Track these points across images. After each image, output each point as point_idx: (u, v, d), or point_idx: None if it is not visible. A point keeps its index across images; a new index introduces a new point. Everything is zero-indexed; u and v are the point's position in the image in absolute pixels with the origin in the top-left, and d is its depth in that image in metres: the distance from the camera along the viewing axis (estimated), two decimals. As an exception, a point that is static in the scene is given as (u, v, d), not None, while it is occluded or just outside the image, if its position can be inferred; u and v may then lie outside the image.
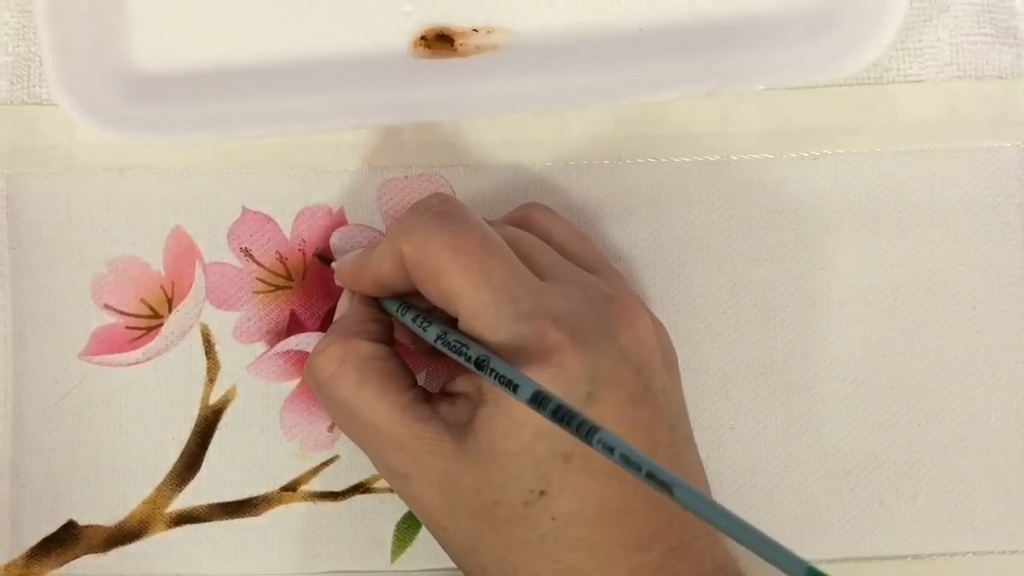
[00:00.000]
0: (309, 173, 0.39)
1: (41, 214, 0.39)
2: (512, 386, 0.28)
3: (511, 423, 0.30)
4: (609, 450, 0.26)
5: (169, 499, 0.38)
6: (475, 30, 0.39)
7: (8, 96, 0.39)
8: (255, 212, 0.39)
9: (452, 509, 0.31)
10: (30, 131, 0.39)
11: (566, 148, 0.39)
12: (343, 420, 0.33)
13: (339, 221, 0.39)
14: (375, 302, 0.35)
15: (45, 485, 0.38)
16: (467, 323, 0.31)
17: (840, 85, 0.39)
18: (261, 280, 0.39)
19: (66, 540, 0.38)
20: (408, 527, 0.38)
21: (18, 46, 0.39)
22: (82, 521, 0.38)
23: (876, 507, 0.38)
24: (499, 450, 0.30)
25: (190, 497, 0.38)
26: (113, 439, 0.38)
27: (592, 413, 0.29)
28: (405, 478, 0.32)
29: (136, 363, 0.39)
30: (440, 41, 0.39)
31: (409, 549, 0.38)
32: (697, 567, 0.31)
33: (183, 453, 0.38)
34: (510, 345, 0.30)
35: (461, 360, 0.31)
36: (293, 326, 0.39)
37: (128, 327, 0.39)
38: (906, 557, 0.38)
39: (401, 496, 0.33)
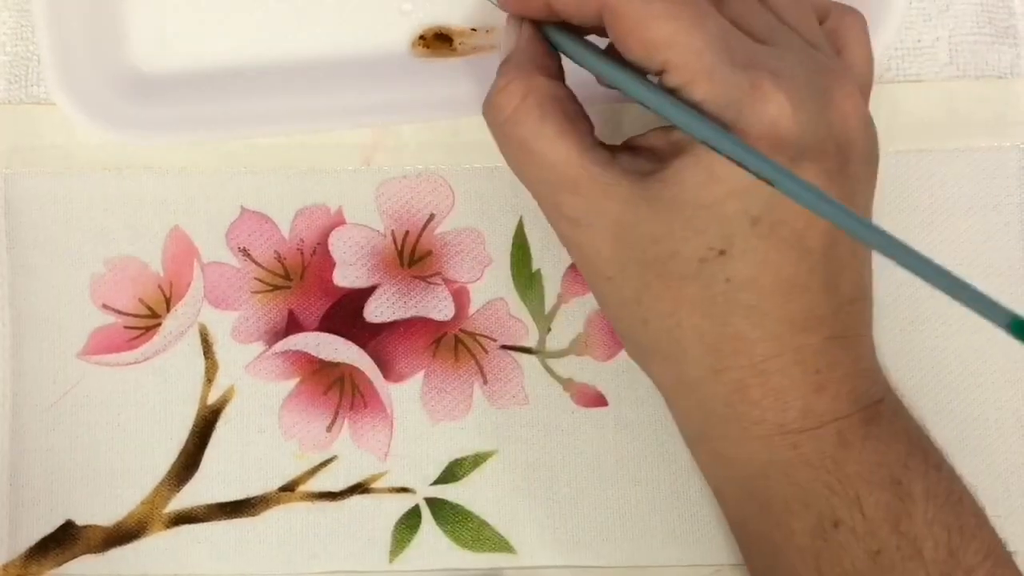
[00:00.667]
0: (307, 173, 0.39)
1: (39, 214, 0.39)
2: (719, 134, 0.28)
3: (708, 176, 0.29)
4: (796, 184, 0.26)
5: (167, 499, 0.38)
6: (474, 29, 0.39)
7: (6, 96, 0.39)
8: (253, 212, 0.39)
9: (622, 258, 0.30)
10: (28, 131, 0.39)
11: (565, 148, 0.39)
12: (519, 159, 0.31)
13: (337, 221, 0.39)
14: (544, 38, 0.33)
15: (43, 485, 0.38)
16: (674, 73, 0.29)
17: (840, 85, 0.39)
18: (259, 280, 0.39)
19: (64, 540, 0.38)
20: (406, 527, 0.38)
21: (16, 45, 0.39)
22: (80, 521, 0.38)
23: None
24: (688, 200, 0.29)
25: (188, 497, 0.38)
26: (111, 439, 0.38)
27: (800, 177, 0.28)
28: (575, 223, 0.31)
29: (134, 363, 0.39)
30: (439, 40, 0.39)
31: (407, 549, 0.38)
32: (857, 361, 0.31)
33: (181, 453, 0.38)
34: (721, 96, 0.29)
35: (660, 100, 0.29)
36: (291, 326, 0.39)
37: (126, 327, 0.39)
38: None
39: (567, 243, 0.32)
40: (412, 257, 0.39)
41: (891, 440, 0.31)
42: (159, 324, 0.39)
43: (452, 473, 0.38)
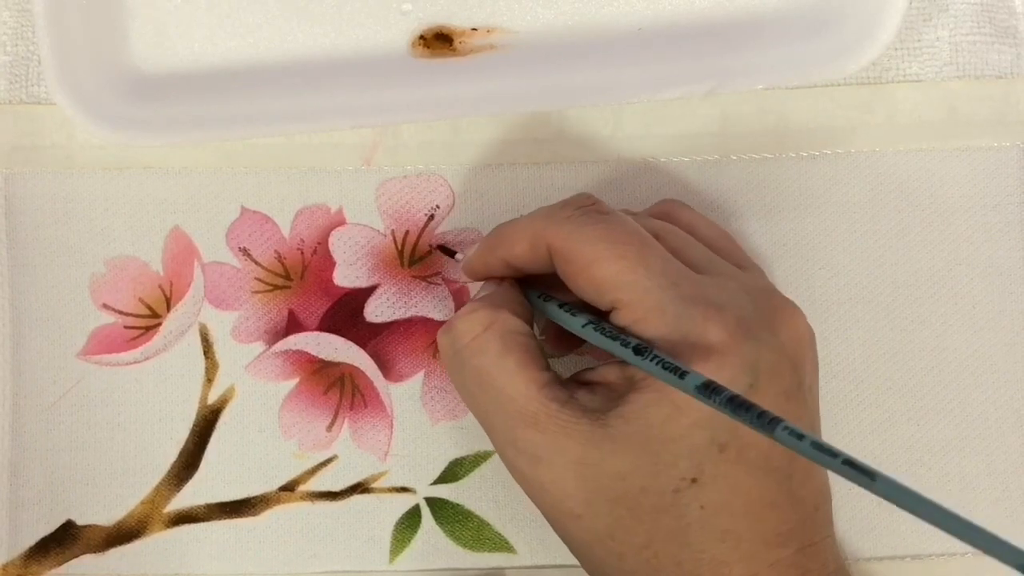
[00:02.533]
0: (308, 173, 0.39)
1: (40, 214, 0.39)
2: (679, 373, 0.28)
3: (672, 409, 0.29)
4: (798, 437, 0.25)
5: (167, 499, 0.38)
6: (474, 29, 0.39)
7: (7, 96, 0.39)
8: (254, 212, 0.39)
9: (589, 496, 0.30)
10: (29, 131, 0.39)
11: (565, 148, 0.39)
12: (475, 389, 0.32)
13: (338, 221, 0.39)
14: (520, 288, 0.34)
15: (44, 485, 0.38)
16: (624, 311, 0.30)
17: (840, 85, 0.39)
18: (260, 280, 0.39)
19: (64, 540, 0.38)
20: (406, 527, 0.38)
21: (16, 45, 0.39)
22: (80, 521, 0.38)
23: (876, 507, 0.38)
24: (654, 436, 0.29)
25: (188, 497, 0.38)
26: (111, 439, 0.38)
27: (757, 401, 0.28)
28: (536, 460, 0.31)
29: (134, 363, 0.39)
30: (439, 40, 0.39)
31: (407, 549, 0.38)
32: (824, 565, 0.31)
33: (181, 453, 0.38)
34: (671, 332, 0.30)
35: (616, 347, 0.30)
36: (291, 326, 0.39)
37: (127, 327, 0.39)
38: (905, 557, 0.38)
39: (526, 481, 0.32)
40: (412, 257, 0.39)
41: None
42: (159, 324, 0.39)
43: (452, 473, 0.38)
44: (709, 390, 0.27)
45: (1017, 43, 0.39)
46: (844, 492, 0.38)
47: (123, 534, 0.38)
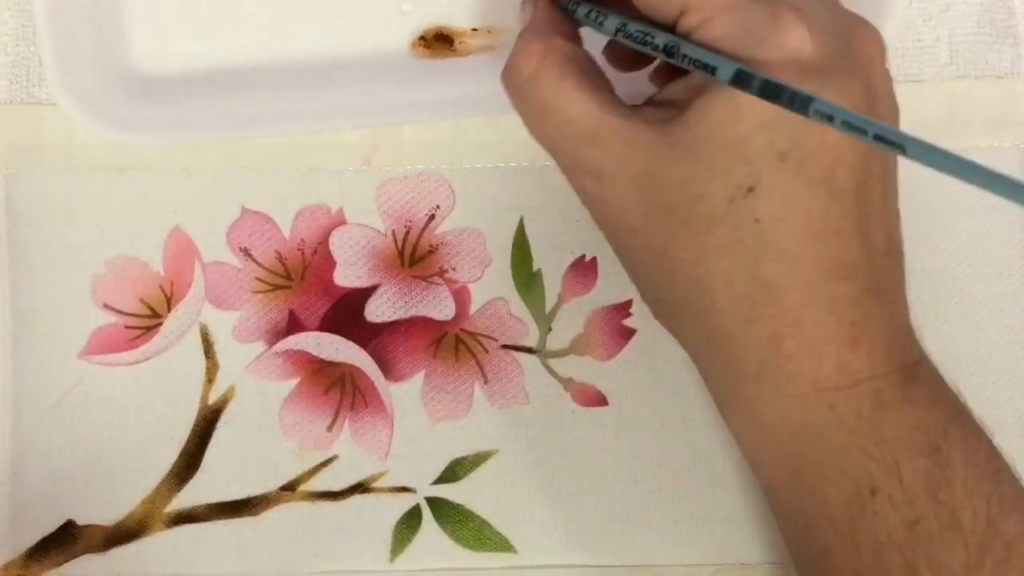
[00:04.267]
0: (308, 173, 0.39)
1: (40, 214, 0.39)
2: (710, 69, 0.27)
3: (733, 110, 0.28)
4: (828, 118, 0.25)
5: (168, 499, 0.38)
6: (475, 30, 0.39)
7: (8, 96, 0.39)
8: (254, 212, 0.39)
9: (647, 207, 0.29)
10: (30, 131, 0.39)
11: (566, 148, 0.39)
12: (539, 119, 0.31)
13: (338, 221, 0.39)
14: (562, 9, 0.33)
15: (44, 485, 0.38)
16: (694, 13, 0.29)
17: (840, 85, 0.39)
18: (260, 280, 0.39)
19: (65, 540, 0.38)
20: (407, 527, 0.38)
21: (17, 46, 0.39)
22: (81, 521, 0.38)
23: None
24: (713, 138, 0.28)
25: (189, 497, 0.38)
26: (112, 439, 0.38)
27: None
28: (599, 176, 0.30)
29: (135, 363, 0.39)
30: (439, 41, 0.39)
31: (408, 549, 0.38)
32: (892, 317, 0.30)
33: (182, 453, 0.38)
34: (741, 29, 0.28)
35: (647, 50, 0.29)
36: (292, 326, 0.39)
37: (127, 327, 0.39)
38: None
39: (590, 200, 0.31)
40: (413, 257, 0.39)
41: (930, 405, 0.30)
42: (160, 324, 0.39)
43: (453, 473, 0.38)
44: (743, 79, 0.26)
45: (1017, 43, 0.39)
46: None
47: (124, 534, 0.38)
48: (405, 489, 0.38)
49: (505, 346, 0.39)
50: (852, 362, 0.29)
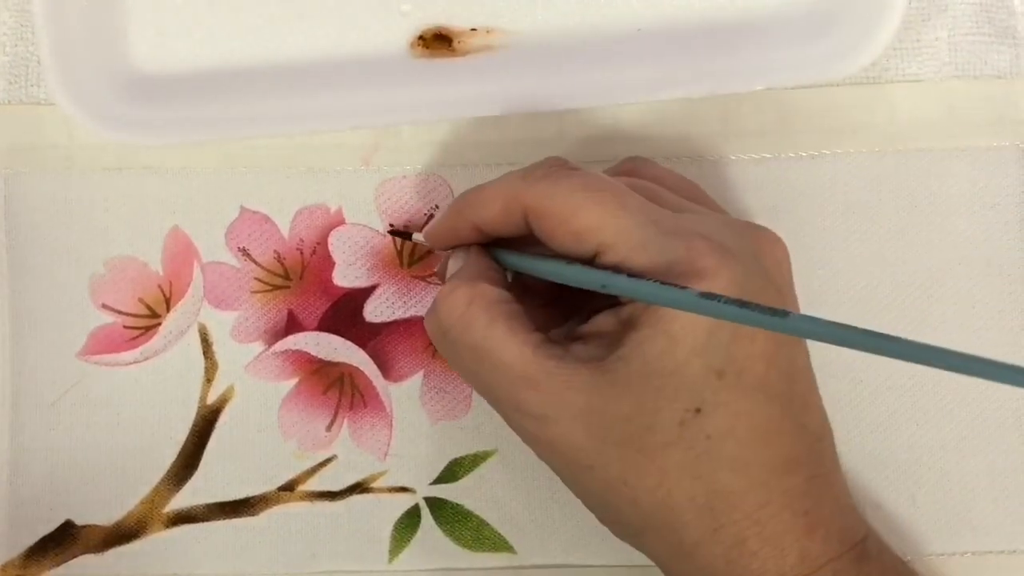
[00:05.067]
0: (307, 173, 0.39)
1: (39, 214, 0.39)
2: (678, 288, 0.28)
3: (668, 341, 0.29)
4: (810, 322, 0.26)
5: (167, 499, 0.38)
6: (473, 30, 0.39)
7: (7, 96, 0.39)
8: (253, 212, 0.39)
9: (599, 444, 0.30)
10: (29, 131, 0.39)
11: (566, 148, 0.39)
12: (471, 365, 0.32)
13: (337, 221, 0.39)
14: (490, 254, 0.34)
15: (43, 485, 0.38)
16: (608, 253, 0.30)
17: (840, 85, 0.39)
18: (259, 280, 0.39)
19: (64, 540, 0.38)
20: (406, 527, 0.38)
21: (16, 46, 0.39)
22: (80, 521, 0.38)
23: (875, 508, 0.38)
24: (654, 371, 0.29)
25: (188, 497, 0.38)
26: (111, 439, 0.38)
27: (741, 329, 0.29)
28: (542, 420, 0.30)
29: (134, 363, 0.39)
30: (438, 41, 0.39)
31: (407, 549, 0.38)
32: (837, 499, 0.31)
33: (181, 453, 0.38)
34: (658, 265, 0.30)
35: (607, 277, 0.30)
36: (291, 326, 0.39)
37: (126, 327, 0.39)
38: (905, 557, 0.38)
39: (535, 443, 0.32)
40: (412, 257, 0.39)
41: (885, 574, 0.31)
42: (159, 324, 0.39)
43: (452, 473, 0.38)
44: (711, 297, 0.27)
45: (1016, 43, 0.39)
46: (844, 492, 0.38)
47: (122, 534, 0.38)
48: (404, 489, 0.38)
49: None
50: (811, 549, 0.30)
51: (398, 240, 0.39)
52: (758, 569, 0.30)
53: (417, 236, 0.37)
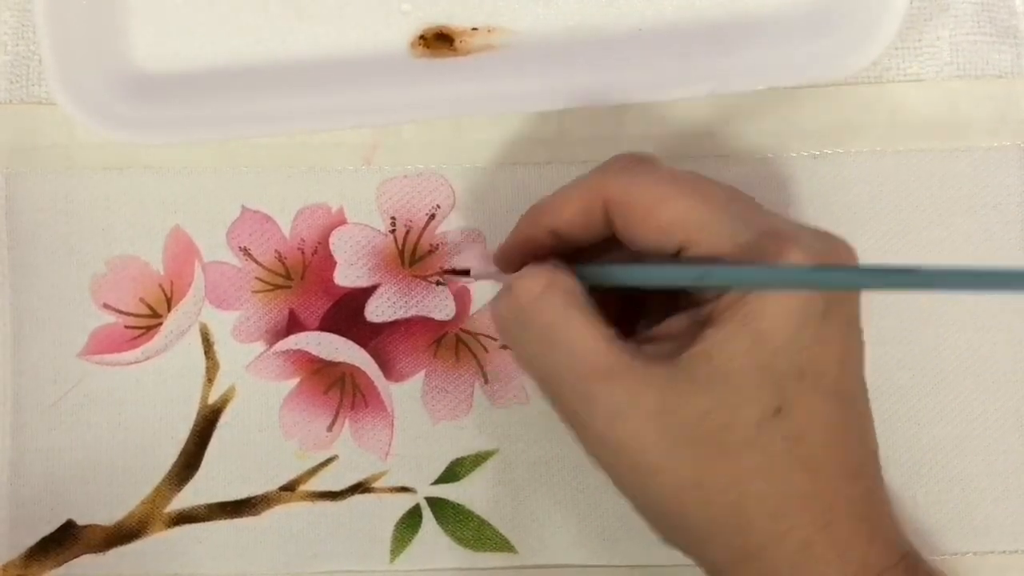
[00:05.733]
0: (308, 172, 0.39)
1: (40, 213, 0.39)
2: (787, 273, 0.28)
3: (755, 338, 0.29)
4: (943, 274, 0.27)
5: (168, 499, 0.38)
6: (474, 29, 0.39)
7: (7, 96, 0.39)
8: (254, 211, 0.39)
9: (671, 444, 0.29)
10: (29, 130, 0.39)
11: (566, 148, 0.39)
12: (541, 349, 0.31)
13: (338, 220, 0.39)
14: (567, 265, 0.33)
15: (44, 485, 0.38)
16: (698, 247, 0.30)
17: (840, 85, 0.39)
18: (260, 279, 0.39)
19: (65, 540, 0.38)
20: (407, 527, 0.38)
21: (17, 45, 0.39)
22: (81, 521, 0.38)
23: (876, 507, 0.38)
24: (736, 368, 0.29)
25: (189, 497, 0.38)
26: (112, 438, 0.38)
27: (823, 331, 0.29)
28: (613, 416, 0.29)
29: (135, 362, 0.39)
30: (439, 40, 0.39)
31: (408, 549, 0.38)
32: (890, 511, 0.31)
33: (182, 453, 0.38)
34: (746, 255, 0.29)
35: (703, 274, 0.30)
36: (292, 325, 0.39)
37: (127, 326, 0.39)
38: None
39: (601, 442, 0.30)
40: (413, 257, 0.39)
41: None
42: (160, 324, 0.39)
43: (453, 472, 0.38)
44: (827, 269, 0.28)
45: (1017, 43, 0.39)
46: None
47: (124, 534, 0.38)
48: (405, 489, 0.38)
49: (505, 346, 0.39)
50: (870, 557, 0.30)
51: (399, 239, 0.39)
52: (822, 572, 0.29)
53: (476, 271, 0.37)
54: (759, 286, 0.29)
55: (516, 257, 0.34)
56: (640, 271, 0.32)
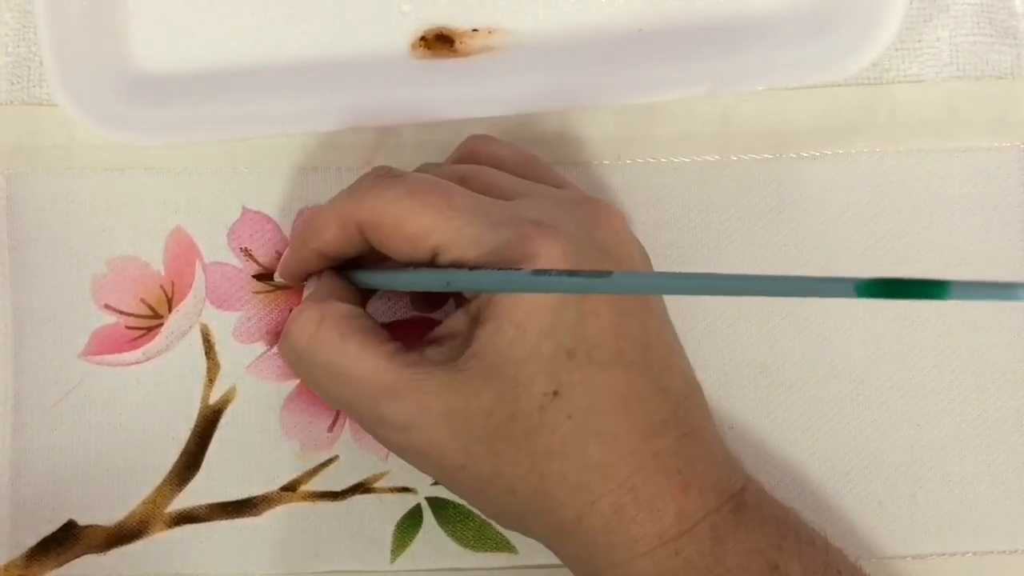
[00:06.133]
0: (309, 173, 0.39)
1: (41, 214, 0.39)
2: (509, 271, 0.29)
3: (516, 330, 0.30)
4: (634, 279, 0.27)
5: (169, 499, 0.38)
6: (475, 30, 0.39)
7: (8, 96, 0.39)
8: (255, 212, 0.39)
9: (465, 443, 0.31)
10: (30, 131, 0.39)
11: (566, 148, 0.39)
12: (328, 383, 0.33)
13: (339, 221, 0.39)
14: (341, 275, 0.35)
15: (45, 485, 0.38)
16: (443, 254, 0.31)
17: (840, 85, 0.39)
18: (261, 280, 0.39)
19: (66, 540, 0.38)
20: (408, 527, 0.38)
21: (18, 46, 0.39)
22: (82, 521, 0.38)
23: (875, 507, 0.38)
24: (506, 361, 0.30)
25: (190, 497, 0.38)
26: (113, 439, 0.38)
27: (585, 306, 0.30)
28: (407, 428, 0.31)
29: (136, 363, 0.39)
30: (440, 41, 0.39)
31: (409, 549, 0.38)
32: (710, 453, 0.32)
33: (183, 453, 0.38)
34: (492, 258, 0.30)
35: (444, 275, 0.31)
36: (293, 326, 0.39)
37: (128, 327, 0.39)
38: (905, 557, 0.38)
39: (404, 451, 0.33)
40: (413, 257, 0.39)
41: (761, 524, 0.32)
42: (161, 324, 0.39)
43: (453, 473, 0.39)
44: (543, 273, 0.28)
45: (1017, 43, 0.39)
46: (844, 491, 0.38)
47: (124, 534, 0.38)
48: (406, 489, 0.39)
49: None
50: (686, 506, 0.31)
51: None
52: (637, 533, 0.30)
53: (277, 279, 0.38)
54: (494, 289, 0.30)
55: (296, 272, 0.36)
56: (397, 277, 0.33)
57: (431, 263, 0.32)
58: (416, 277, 0.32)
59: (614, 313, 0.31)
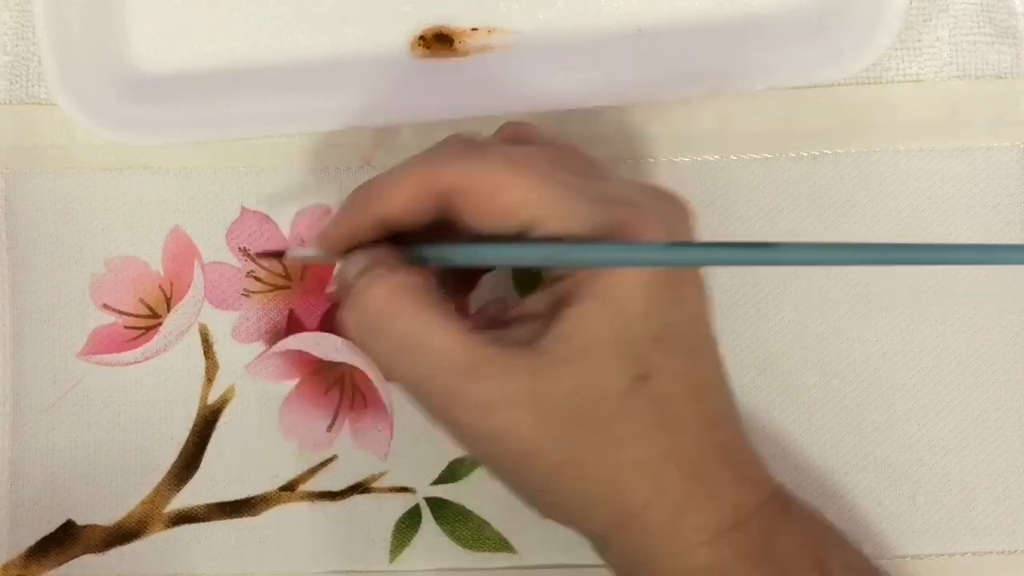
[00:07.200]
0: (308, 173, 0.39)
1: (40, 214, 0.39)
2: (643, 251, 0.29)
3: (612, 311, 0.29)
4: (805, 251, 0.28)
5: (167, 499, 0.38)
6: (474, 29, 0.39)
7: (7, 96, 0.39)
8: (254, 212, 0.39)
9: (546, 426, 0.29)
10: (29, 131, 0.39)
11: (566, 148, 0.39)
12: (399, 356, 0.30)
13: (338, 221, 0.39)
14: (397, 249, 0.32)
15: (44, 485, 0.38)
16: (540, 226, 0.30)
17: (840, 85, 0.39)
18: (260, 280, 0.39)
19: (64, 540, 0.38)
20: (407, 527, 0.38)
21: (17, 46, 0.39)
22: (80, 521, 0.38)
23: (875, 507, 0.38)
24: (597, 343, 0.29)
25: (188, 497, 0.38)
26: (111, 439, 0.38)
27: (680, 292, 0.30)
28: (485, 409, 0.29)
29: (135, 363, 0.39)
30: (439, 41, 0.39)
31: (408, 549, 0.38)
32: (756, 451, 0.32)
33: (181, 453, 0.38)
34: (594, 232, 0.29)
35: (561, 248, 0.30)
36: (292, 326, 0.39)
37: (127, 327, 0.39)
38: (905, 557, 0.38)
39: (476, 437, 0.30)
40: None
41: (805, 521, 0.32)
42: (159, 324, 0.39)
43: (452, 473, 0.38)
44: (680, 246, 0.29)
45: (1017, 43, 0.39)
46: (844, 491, 0.38)
47: (123, 534, 0.38)
48: (405, 489, 0.38)
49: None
50: (742, 499, 0.31)
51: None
52: (698, 522, 0.30)
53: (293, 253, 0.37)
54: (610, 264, 0.29)
55: (343, 241, 0.33)
56: (488, 251, 0.31)
57: (517, 237, 0.30)
58: (511, 251, 0.31)
59: (699, 302, 0.31)
